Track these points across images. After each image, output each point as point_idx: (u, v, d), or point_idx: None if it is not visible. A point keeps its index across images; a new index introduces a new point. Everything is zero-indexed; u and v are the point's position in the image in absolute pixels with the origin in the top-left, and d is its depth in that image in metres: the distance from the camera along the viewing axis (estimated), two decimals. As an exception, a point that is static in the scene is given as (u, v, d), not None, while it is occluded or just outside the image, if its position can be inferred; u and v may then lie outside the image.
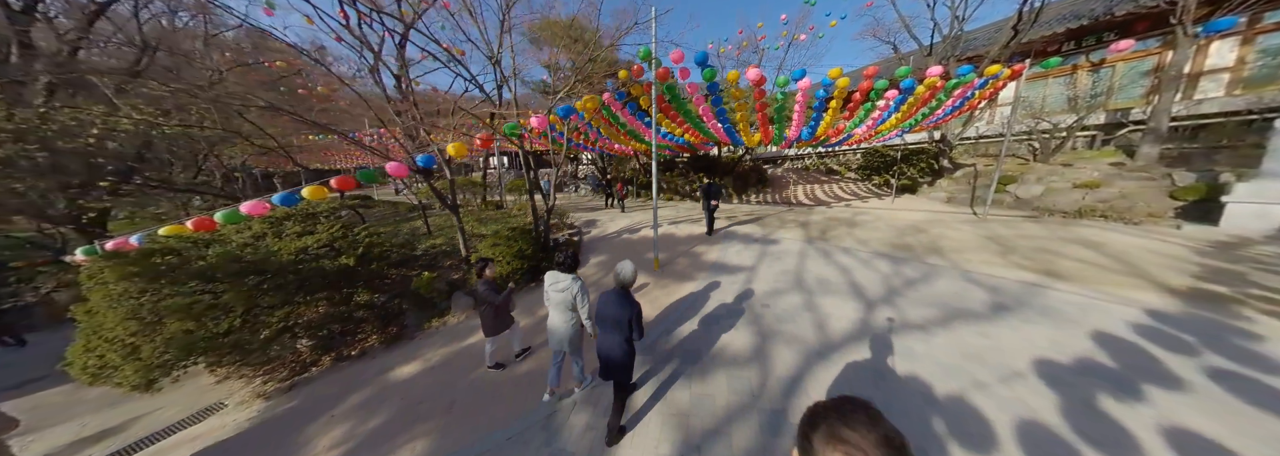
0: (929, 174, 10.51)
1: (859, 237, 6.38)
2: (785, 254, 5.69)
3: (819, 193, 12.21)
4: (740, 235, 7.04)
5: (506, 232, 6.89)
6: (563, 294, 2.53)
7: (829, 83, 5.68)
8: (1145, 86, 9.23)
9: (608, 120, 7.31)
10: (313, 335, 5.36)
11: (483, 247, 6.42)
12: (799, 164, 15.58)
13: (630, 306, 2.15)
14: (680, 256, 6.22)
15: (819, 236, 6.65)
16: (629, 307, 2.14)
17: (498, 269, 6.10)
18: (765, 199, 12.43)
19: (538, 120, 4.62)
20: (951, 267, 4.58)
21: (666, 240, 7.26)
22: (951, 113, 7.82)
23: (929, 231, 6.64)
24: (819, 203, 10.91)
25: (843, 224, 7.64)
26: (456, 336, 5.16)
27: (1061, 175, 8.28)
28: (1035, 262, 4.58)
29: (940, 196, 9.72)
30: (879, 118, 7.41)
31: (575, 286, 2.50)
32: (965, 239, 5.98)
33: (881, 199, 10.45)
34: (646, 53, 5.31)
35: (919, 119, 7.76)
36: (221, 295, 4.65)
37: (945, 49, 10.52)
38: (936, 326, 3.17)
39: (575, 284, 2.51)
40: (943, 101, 6.83)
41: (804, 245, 6.07)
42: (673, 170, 13.63)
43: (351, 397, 4.15)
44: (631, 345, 2.23)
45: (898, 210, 8.97)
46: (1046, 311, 3.29)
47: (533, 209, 6.84)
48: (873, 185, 11.95)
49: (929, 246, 5.63)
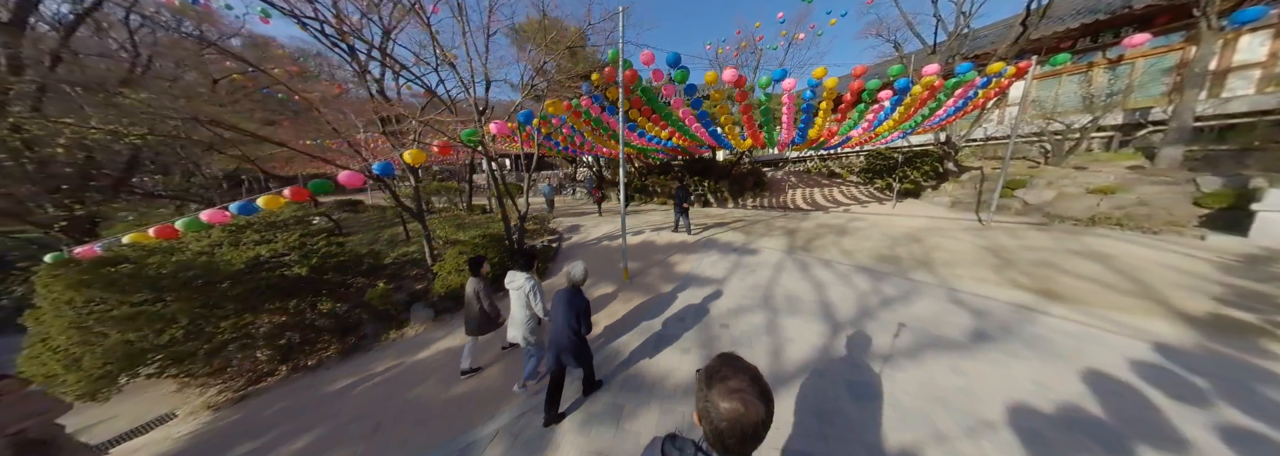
0: (933, 177, 9.95)
1: (845, 248, 5.95)
2: (761, 266, 5.31)
3: (818, 197, 11.72)
4: (721, 243, 6.67)
5: (479, 240, 6.67)
6: (518, 291, 2.74)
7: (815, 83, 5.30)
8: (1167, 84, 8.54)
9: (589, 123, 7.04)
10: (272, 344, 5.21)
11: (449, 257, 6.20)
12: (800, 167, 15.07)
13: (578, 303, 2.37)
14: (654, 266, 5.89)
15: (803, 246, 6.23)
16: (577, 304, 2.37)
17: (457, 279, 5.88)
18: (762, 203, 11.99)
19: (497, 126, 4.36)
20: (938, 285, 4.15)
21: (645, 248, 6.95)
22: (954, 113, 7.32)
23: (924, 241, 6.17)
24: (816, 207, 10.43)
25: (833, 232, 7.19)
26: (409, 350, 4.93)
27: (1074, 179, 7.69)
28: (1033, 279, 4.12)
29: (944, 201, 9.17)
30: (875, 119, 6.97)
31: (529, 284, 2.70)
32: (961, 250, 5.50)
33: (882, 204, 9.93)
34: (615, 54, 5.03)
35: (919, 120, 7.28)
36: (167, 306, 4.51)
37: (951, 47, 9.96)
38: (905, 358, 2.77)
39: (529, 281, 2.71)
40: (943, 102, 6.36)
41: (783, 256, 5.67)
42: (667, 173, 13.29)
43: (290, 413, 3.96)
44: (581, 337, 2.44)
45: (897, 216, 8.47)
46: (1036, 342, 2.86)
47: (504, 216, 6.60)
48: (875, 189, 11.41)
49: (919, 259, 5.18)
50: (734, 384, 0.72)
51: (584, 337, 2.48)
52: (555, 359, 2.45)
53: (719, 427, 0.71)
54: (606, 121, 7.30)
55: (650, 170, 13.85)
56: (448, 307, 5.99)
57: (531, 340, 2.86)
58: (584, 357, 2.53)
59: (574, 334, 2.40)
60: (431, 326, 5.77)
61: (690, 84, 5.89)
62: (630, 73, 5.28)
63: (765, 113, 6.43)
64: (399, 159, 4.32)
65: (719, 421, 0.71)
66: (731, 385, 0.72)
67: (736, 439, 0.71)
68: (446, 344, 4.79)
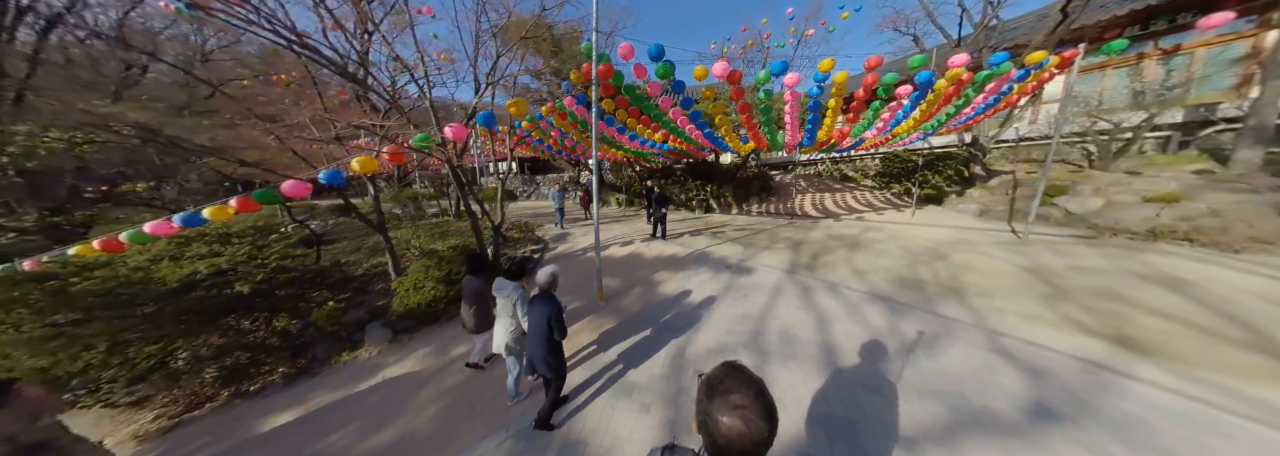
0: (957, 182, 8.93)
1: (857, 267, 5.09)
2: (756, 289, 4.51)
3: (829, 203, 10.78)
4: (714, 259, 5.89)
5: (448, 252, 6.07)
6: (505, 300, 2.59)
7: (821, 78, 4.49)
8: (1236, 76, 7.36)
9: (576, 126, 6.38)
10: (207, 368, 4.70)
11: (412, 271, 5.62)
12: (810, 170, 14.11)
13: (550, 306, 2.28)
14: (636, 284, 5.16)
15: (808, 264, 5.40)
16: (549, 308, 2.28)
17: (416, 297, 5.28)
18: (768, 209, 11.12)
19: (453, 130, 3.74)
20: (974, 325, 3.28)
21: (630, 261, 6.22)
22: (984, 111, 6.39)
23: (952, 258, 5.26)
24: (827, 214, 9.52)
25: (844, 245, 6.32)
26: (358, 376, 4.33)
27: (1126, 185, 6.63)
28: (1098, 318, 3.22)
29: (971, 209, 8.16)
30: (891, 119, 6.09)
31: (516, 294, 2.54)
32: (999, 271, 4.59)
33: (901, 211, 8.96)
34: (589, 48, 4.34)
35: (943, 119, 6.36)
36: (87, 328, 4.02)
37: (978, 40, 8.95)
38: (934, 446, 1.97)
39: (516, 291, 2.55)
40: (971, 98, 5.46)
41: (783, 277, 4.86)
42: (669, 178, 12.54)
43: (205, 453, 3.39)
44: (555, 343, 2.33)
45: (918, 225, 7.51)
46: (1124, 426, 2.00)
47: (474, 227, 5.98)
48: (891, 194, 10.41)
49: (948, 284, 4.30)
50: (736, 399, 0.69)
51: (559, 345, 2.37)
52: (531, 367, 2.38)
53: (719, 444, 0.69)
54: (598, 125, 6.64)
55: (650, 174, 13.11)
56: (406, 328, 5.39)
57: (516, 349, 2.72)
58: (557, 367, 2.38)
59: (547, 341, 2.31)
60: (387, 349, 5.17)
61: (677, 81, 5.14)
62: (604, 67, 4.59)
63: (767, 113, 5.64)
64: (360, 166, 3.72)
65: (719, 439, 0.68)
66: (733, 400, 0.69)
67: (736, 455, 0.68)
68: (396, 371, 4.17)
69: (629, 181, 13.27)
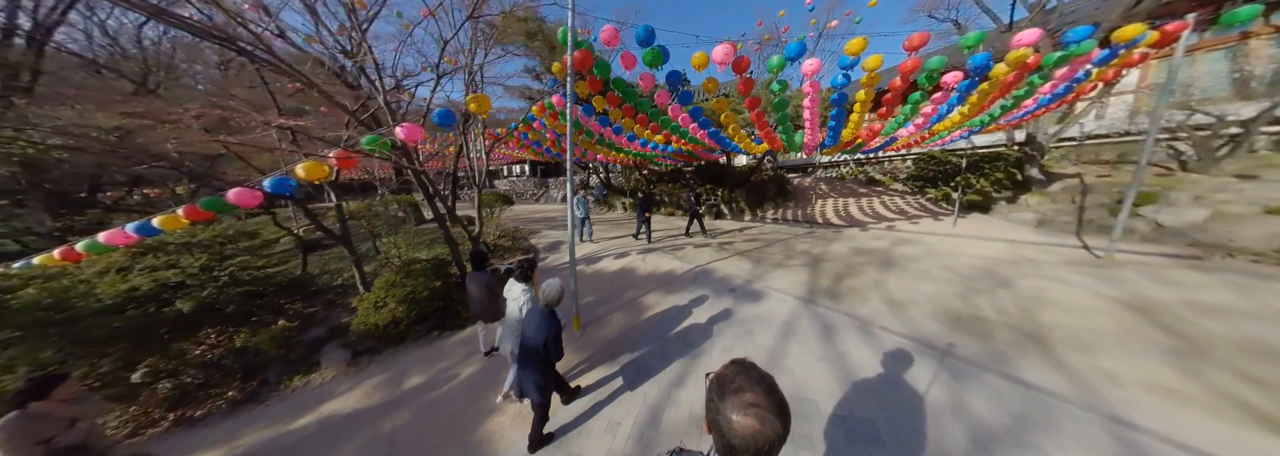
0: (1007, 187, 7.58)
1: (893, 295, 4.02)
2: (763, 324, 3.54)
3: (853, 209, 9.56)
4: (717, 278, 4.92)
5: (422, 266, 5.38)
6: (514, 302, 2.47)
7: (850, 63, 3.49)
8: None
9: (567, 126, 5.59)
10: (155, 388, 4.15)
11: (378, 286, 4.95)
12: (832, 172, 12.82)
13: (550, 327, 2.08)
14: (620, 308, 4.28)
15: (829, 288, 4.35)
16: (549, 327, 2.08)
17: (375, 317, 4.59)
18: (785, 215, 10.00)
19: (405, 130, 2.99)
20: (1082, 404, 2.21)
21: (621, 277, 5.34)
22: (1048, 104, 5.18)
23: (1017, 284, 4.12)
24: (851, 222, 8.34)
25: (874, 262, 5.22)
26: (300, 408, 3.66)
27: (1239, 193, 5.24)
28: (1277, 397, 2.11)
29: (1026, 219, 6.84)
30: (933, 114, 4.97)
31: (525, 297, 2.42)
32: (1086, 307, 3.45)
33: (939, 220, 7.69)
34: (566, 33, 3.52)
35: (996, 114, 5.20)
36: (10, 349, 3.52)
37: (1034, 24, 7.58)
38: None
39: (525, 294, 2.44)
40: (1036, 87, 4.33)
41: (799, 307, 3.85)
42: (677, 181, 11.58)
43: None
44: (548, 366, 2.15)
45: (962, 238, 6.29)
46: None
47: (447, 237, 5.26)
48: (926, 200, 9.10)
49: (1021, 326, 3.20)
50: (749, 397, 0.66)
51: (552, 367, 2.20)
52: (519, 387, 2.20)
53: (732, 443, 0.65)
54: (585, 124, 5.83)
55: (658, 177, 12.20)
56: (367, 349, 4.72)
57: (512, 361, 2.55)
58: (545, 389, 2.20)
59: (542, 362, 2.12)
60: (344, 372, 4.50)
61: (674, 71, 4.22)
62: (581, 55, 3.75)
63: (780, 108, 4.65)
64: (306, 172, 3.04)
65: (732, 438, 0.65)
66: (746, 398, 0.66)
67: (749, 454, 0.65)
68: (339, 405, 3.49)
69: (635, 184, 12.40)
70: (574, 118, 5.50)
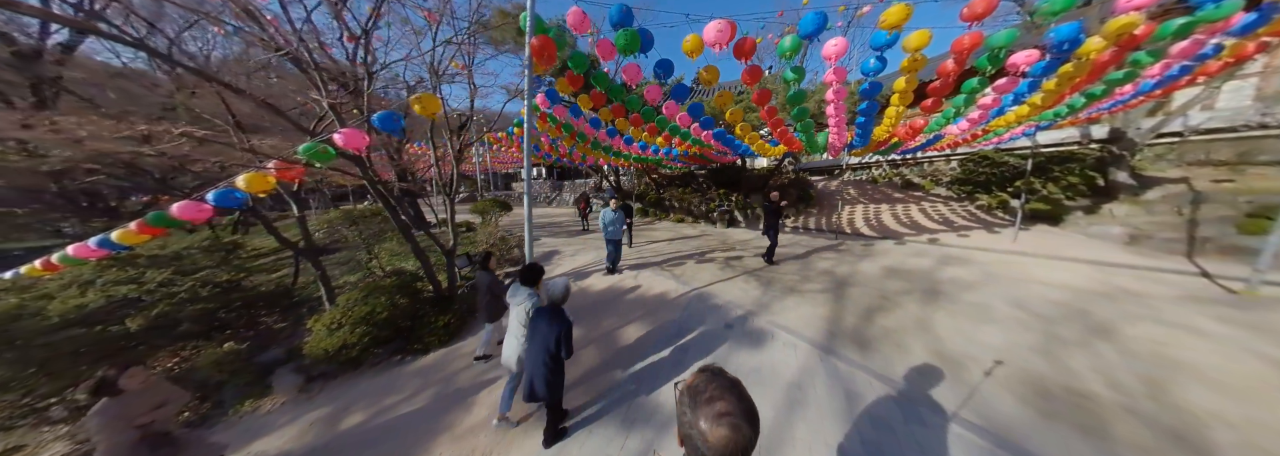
0: (1085, 193, 6.12)
1: (945, 344, 2.94)
2: (763, 382, 2.58)
3: (887, 217, 8.25)
4: (714, 306, 3.97)
5: (391, 282, 4.79)
6: (519, 307, 2.34)
7: (885, 42, 2.50)
8: None
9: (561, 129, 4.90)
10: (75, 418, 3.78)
11: (340, 302, 4.40)
12: (861, 175, 11.41)
13: (560, 324, 2.06)
14: (593, 343, 3.45)
15: (856, 329, 3.31)
16: (559, 325, 2.05)
17: (328, 341, 4.02)
18: (807, 223, 8.83)
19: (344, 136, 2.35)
20: None
21: (602, 303, 4.50)
22: (1151, 90, 3.89)
23: (1125, 333, 2.94)
24: (885, 233, 7.10)
25: (914, 291, 4.09)
26: (243, 437, 3.17)
27: None
28: None
29: (1112, 233, 5.41)
30: (995, 106, 3.83)
31: (530, 302, 2.29)
32: (1248, 379, 2.26)
33: (994, 233, 6.34)
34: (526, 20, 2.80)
35: (1079, 104, 3.99)
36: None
37: None
38: None
39: (530, 298, 2.31)
40: (1141, 68, 3.16)
41: (813, 357, 2.85)
42: (687, 186, 10.62)
43: None
44: (559, 363, 2.09)
45: (1028, 257, 5.00)
46: None
47: (416, 251, 4.64)
48: (976, 207, 7.66)
49: (1156, 415, 2.08)
50: (721, 407, 0.64)
51: (562, 364, 2.11)
52: (529, 387, 2.07)
53: (703, 452, 0.64)
54: (577, 126, 5.08)
55: (669, 181, 11.28)
56: (323, 373, 4.18)
57: (516, 368, 2.34)
58: (556, 388, 2.10)
59: (551, 359, 2.04)
60: (294, 399, 3.98)
61: (662, 60, 3.35)
62: (540, 41, 2.99)
63: (797, 101, 3.67)
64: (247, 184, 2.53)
65: (706, 449, 0.63)
66: (718, 408, 0.64)
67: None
68: (267, 445, 2.90)
69: (644, 189, 11.54)
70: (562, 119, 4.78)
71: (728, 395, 0.65)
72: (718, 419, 0.62)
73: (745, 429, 0.63)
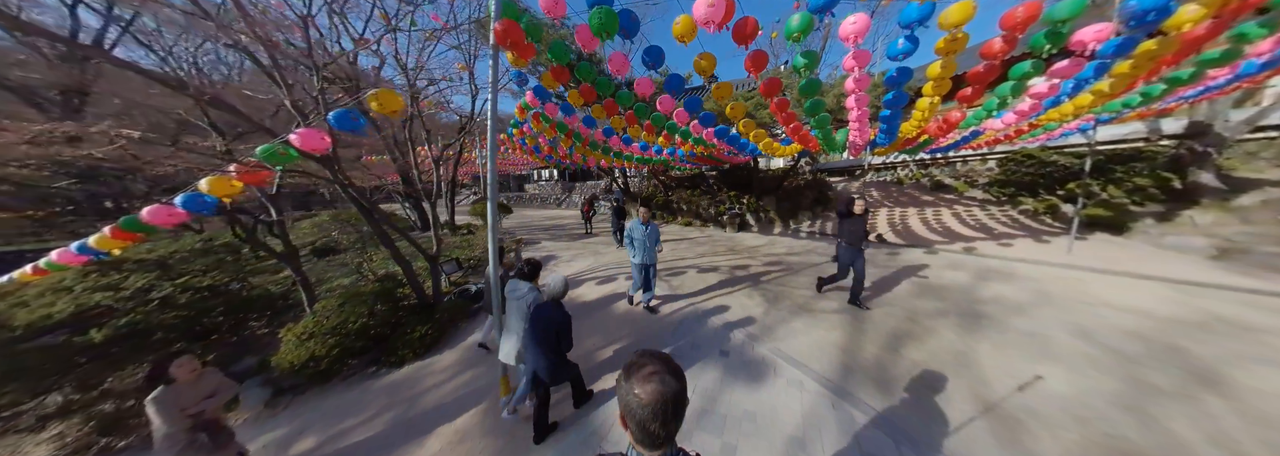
0: (1158, 197, 5.19)
1: (992, 388, 2.29)
2: (757, 433, 2.03)
3: (915, 223, 7.43)
4: (710, 329, 3.42)
5: (371, 288, 4.50)
6: (519, 301, 2.33)
7: (918, 16, 1.90)
8: None
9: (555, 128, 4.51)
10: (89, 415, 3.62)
11: (318, 308, 4.13)
12: (885, 175, 10.50)
13: (559, 317, 2.05)
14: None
15: (879, 362, 2.69)
16: (558, 318, 2.05)
17: (296, 352, 3.73)
18: (825, 228, 8.10)
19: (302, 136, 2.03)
20: None
21: (592, 315, 4.03)
22: (1251, 74, 3.10)
23: (1237, 379, 2.22)
24: (913, 241, 6.33)
25: (953, 312, 3.42)
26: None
27: None
28: None
29: (1194, 245, 4.52)
30: (1052, 94, 3.12)
31: (531, 295, 2.30)
32: None
33: (1043, 242, 5.49)
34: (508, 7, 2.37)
35: (1155, 93, 3.23)
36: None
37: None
38: None
39: (531, 293, 2.32)
40: (1250, 43, 2.46)
41: (823, 400, 2.27)
42: (696, 188, 10.03)
43: None
44: (561, 355, 2.12)
45: (1087, 272, 4.21)
46: None
47: (396, 257, 4.32)
48: (1019, 212, 6.75)
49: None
50: (649, 369, 0.71)
51: (564, 356, 2.13)
52: (532, 379, 2.13)
53: (640, 415, 0.69)
54: (571, 125, 4.67)
55: (677, 183, 10.72)
56: (292, 387, 3.90)
57: (516, 362, 2.33)
58: (565, 373, 2.17)
59: (552, 353, 2.06)
60: (259, 415, 3.71)
61: (651, 47, 2.82)
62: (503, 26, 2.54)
63: (810, 92, 3.09)
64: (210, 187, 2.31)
65: (639, 408, 0.68)
66: (646, 371, 0.71)
67: (659, 420, 0.68)
68: None
69: (652, 191, 11.03)
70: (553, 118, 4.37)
71: (655, 360, 0.72)
72: (646, 378, 0.69)
73: (671, 380, 0.69)
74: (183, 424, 1.70)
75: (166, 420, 1.66)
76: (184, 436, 1.71)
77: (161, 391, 1.71)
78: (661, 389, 0.68)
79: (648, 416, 0.67)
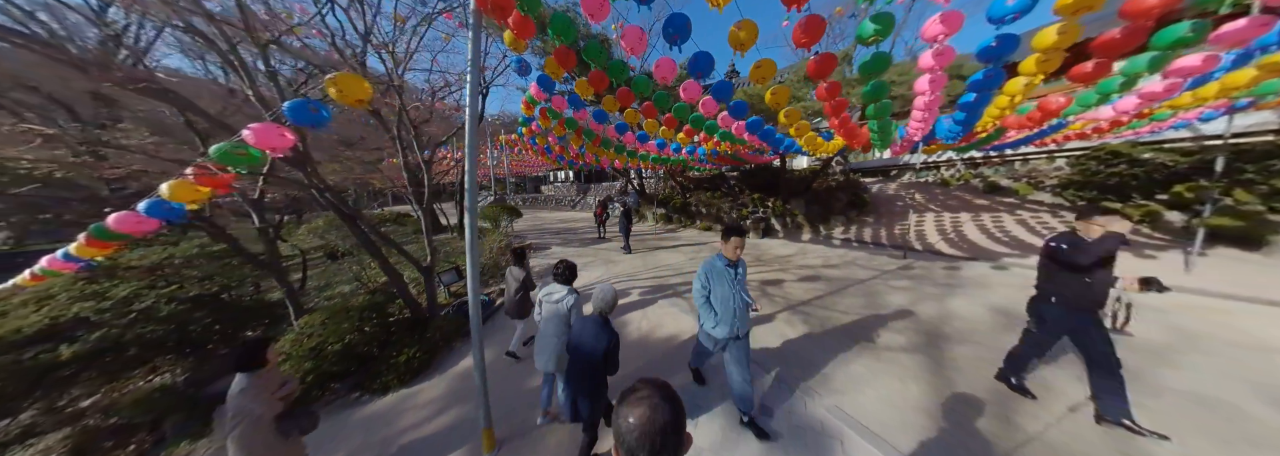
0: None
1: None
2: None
3: (970, 230, 6.44)
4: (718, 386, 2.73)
5: (361, 302, 4.02)
6: (557, 305, 2.20)
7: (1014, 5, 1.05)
8: None
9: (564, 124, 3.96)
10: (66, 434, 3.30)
11: (301, 324, 3.68)
12: (926, 176, 9.41)
13: (608, 336, 1.78)
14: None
15: (989, 434, 1.93)
16: (606, 337, 1.77)
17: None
18: (860, 234, 7.19)
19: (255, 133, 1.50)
20: None
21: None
22: None
23: None
24: (971, 252, 5.39)
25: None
26: None
27: None
28: None
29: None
30: (1209, 69, 2.17)
31: (570, 299, 2.17)
32: None
33: (1145, 257, 4.47)
34: None
35: None
36: None
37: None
38: None
39: (570, 296, 2.18)
40: None
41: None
42: (716, 189, 9.25)
43: None
44: (604, 379, 1.82)
45: (1222, 300, 3.24)
46: None
47: (386, 269, 3.81)
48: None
49: None
50: (642, 393, 0.68)
51: (606, 380, 1.84)
52: (572, 407, 1.89)
53: (628, 441, 0.64)
54: (580, 120, 4.09)
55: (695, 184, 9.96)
56: (265, 414, 3.43)
57: (553, 368, 2.21)
58: (597, 406, 1.85)
59: (597, 374, 1.79)
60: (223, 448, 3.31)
61: (676, 14, 2.10)
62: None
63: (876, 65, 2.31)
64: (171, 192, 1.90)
65: (627, 433, 0.64)
66: (639, 395, 0.68)
67: (646, 449, 0.62)
68: None
69: (669, 193, 10.31)
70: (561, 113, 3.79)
71: (648, 386, 0.69)
72: (637, 403, 0.65)
73: (664, 406, 0.65)
74: (275, 408, 1.62)
75: (260, 404, 1.56)
76: (273, 423, 1.60)
77: (257, 372, 1.62)
78: (651, 414, 0.64)
79: (634, 443, 0.63)
